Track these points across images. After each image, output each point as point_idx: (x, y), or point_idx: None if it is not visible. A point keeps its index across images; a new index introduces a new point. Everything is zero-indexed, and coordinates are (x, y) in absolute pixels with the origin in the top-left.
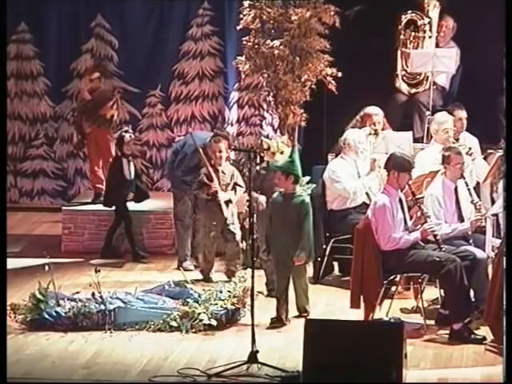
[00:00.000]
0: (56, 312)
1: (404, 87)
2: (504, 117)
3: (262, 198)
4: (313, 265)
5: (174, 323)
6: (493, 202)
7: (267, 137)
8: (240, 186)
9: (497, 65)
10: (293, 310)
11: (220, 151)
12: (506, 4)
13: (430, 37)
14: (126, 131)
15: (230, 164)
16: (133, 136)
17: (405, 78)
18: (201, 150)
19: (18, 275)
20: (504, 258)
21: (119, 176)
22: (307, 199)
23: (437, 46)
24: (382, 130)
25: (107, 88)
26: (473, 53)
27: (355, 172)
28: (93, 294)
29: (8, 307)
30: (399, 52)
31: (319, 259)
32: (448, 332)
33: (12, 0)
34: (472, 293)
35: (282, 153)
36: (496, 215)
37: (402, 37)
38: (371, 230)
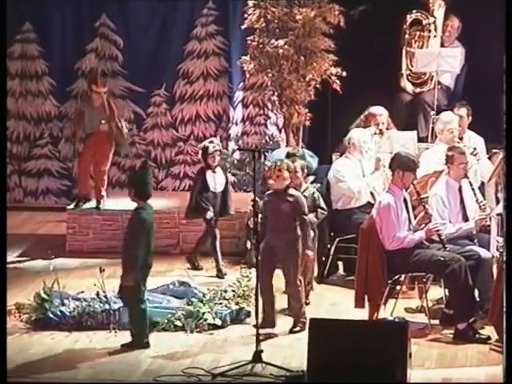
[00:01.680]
0: (61, 311)
1: (409, 87)
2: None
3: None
4: (317, 264)
5: (178, 323)
6: (497, 201)
7: (272, 136)
8: (323, 209)
9: (502, 64)
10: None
11: (296, 171)
12: (506, 4)
13: (434, 36)
14: (211, 142)
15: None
16: (217, 147)
17: (409, 78)
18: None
19: (23, 275)
20: (505, 258)
21: (202, 187)
22: (145, 216)
23: (442, 45)
24: (387, 129)
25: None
26: (478, 52)
27: (360, 171)
28: (97, 294)
29: (13, 306)
30: (404, 51)
31: (324, 259)
32: (452, 332)
33: (17, 0)
34: (477, 292)
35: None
36: (501, 214)
37: (406, 36)
38: (376, 230)
